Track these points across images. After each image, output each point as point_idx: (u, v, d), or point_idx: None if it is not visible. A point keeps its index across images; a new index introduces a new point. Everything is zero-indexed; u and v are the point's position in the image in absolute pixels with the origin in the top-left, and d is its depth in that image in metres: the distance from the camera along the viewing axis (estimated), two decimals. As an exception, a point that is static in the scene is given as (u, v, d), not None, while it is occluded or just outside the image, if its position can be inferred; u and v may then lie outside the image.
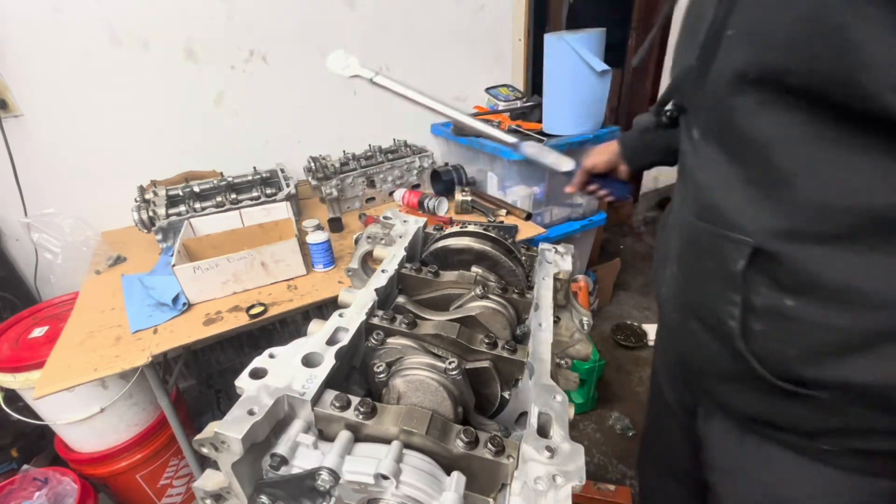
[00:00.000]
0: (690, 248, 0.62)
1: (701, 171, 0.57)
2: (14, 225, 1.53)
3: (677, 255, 0.67)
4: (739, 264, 0.52)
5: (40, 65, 1.43)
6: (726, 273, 0.54)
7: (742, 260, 0.52)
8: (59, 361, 1.00)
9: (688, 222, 0.61)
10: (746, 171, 0.51)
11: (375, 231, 0.73)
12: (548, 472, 0.40)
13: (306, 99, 1.88)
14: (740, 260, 0.52)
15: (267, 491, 0.42)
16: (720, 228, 0.54)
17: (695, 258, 0.62)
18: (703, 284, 0.60)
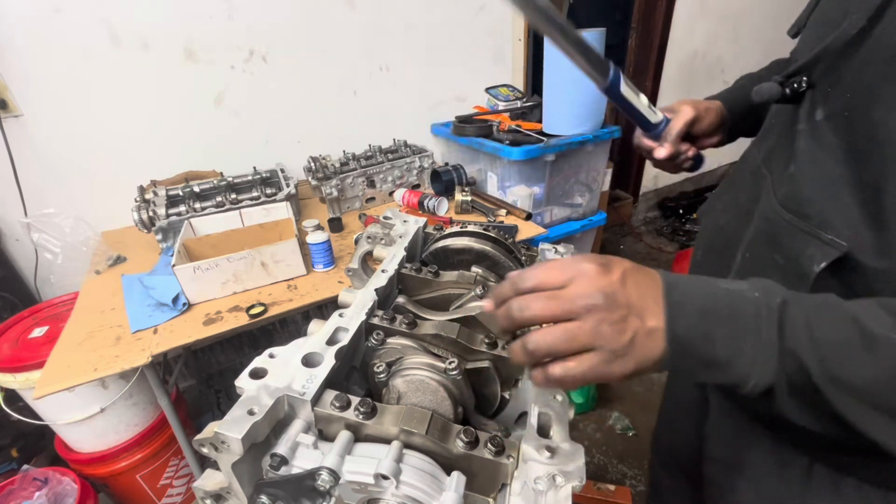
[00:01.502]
0: (764, 238, 0.56)
1: (810, 158, 0.51)
2: (14, 225, 1.53)
3: (730, 243, 0.61)
4: (819, 266, 0.47)
5: (40, 65, 1.43)
6: (799, 272, 0.49)
7: (824, 262, 0.47)
8: (59, 361, 1.00)
9: (770, 209, 0.55)
10: (862, 170, 0.45)
11: (375, 231, 0.73)
12: (548, 472, 0.40)
13: (306, 99, 1.88)
14: (822, 262, 0.47)
15: (267, 491, 0.42)
16: (811, 225, 0.49)
17: (764, 250, 0.56)
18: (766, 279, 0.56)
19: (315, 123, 1.93)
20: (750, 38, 2.93)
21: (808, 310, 0.36)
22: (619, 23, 3.07)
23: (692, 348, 0.37)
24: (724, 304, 0.37)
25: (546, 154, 1.72)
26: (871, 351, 0.33)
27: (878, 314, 0.35)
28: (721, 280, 0.40)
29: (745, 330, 0.36)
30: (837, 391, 0.34)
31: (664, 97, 2.88)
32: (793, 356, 0.35)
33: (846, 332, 0.34)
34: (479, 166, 1.89)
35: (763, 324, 0.36)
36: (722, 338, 0.37)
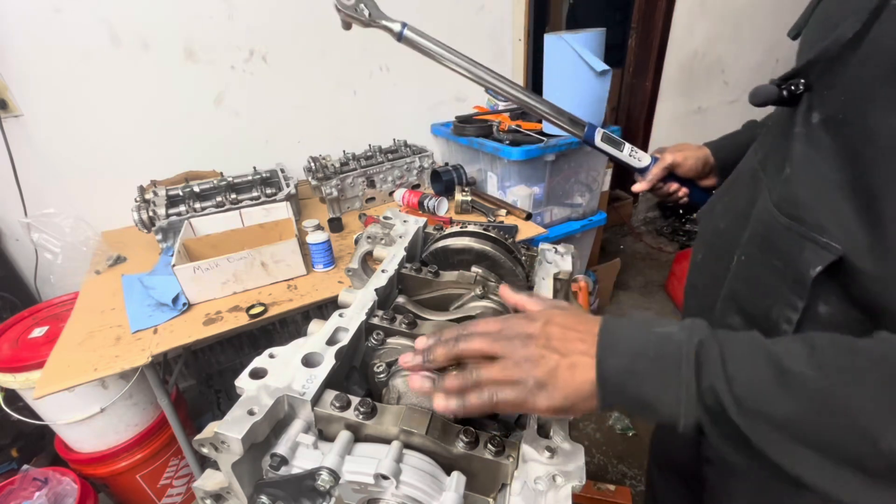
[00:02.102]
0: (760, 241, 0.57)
1: (806, 161, 0.51)
2: (14, 225, 1.53)
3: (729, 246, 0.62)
4: (815, 270, 0.47)
5: (40, 65, 1.43)
6: (796, 276, 0.49)
7: (820, 266, 0.47)
8: (59, 361, 1.00)
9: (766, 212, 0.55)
10: (857, 174, 0.45)
11: (375, 231, 0.73)
12: (548, 473, 0.40)
13: (306, 99, 1.88)
14: (818, 266, 0.47)
15: (267, 491, 0.42)
16: (806, 229, 0.49)
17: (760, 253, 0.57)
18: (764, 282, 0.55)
19: (315, 123, 1.93)
20: (750, 38, 2.93)
21: (725, 347, 0.37)
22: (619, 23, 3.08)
23: (622, 388, 0.39)
24: (653, 346, 0.39)
25: (546, 154, 1.72)
26: (785, 385, 0.34)
27: (794, 349, 0.36)
28: (657, 322, 0.41)
29: (667, 370, 0.37)
30: (754, 425, 0.35)
31: (664, 97, 2.88)
32: (711, 393, 0.36)
33: (760, 367, 0.35)
34: (479, 166, 1.89)
35: (682, 363, 0.37)
36: (648, 378, 0.38)
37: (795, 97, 0.53)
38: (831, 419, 0.33)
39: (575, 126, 0.87)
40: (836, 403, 0.32)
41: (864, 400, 0.32)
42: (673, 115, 2.96)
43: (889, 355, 0.33)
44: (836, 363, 0.34)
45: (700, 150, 0.87)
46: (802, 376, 0.34)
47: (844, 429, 0.32)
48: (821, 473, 0.34)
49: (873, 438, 0.31)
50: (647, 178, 0.89)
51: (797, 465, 0.34)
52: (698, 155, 0.87)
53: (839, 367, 0.33)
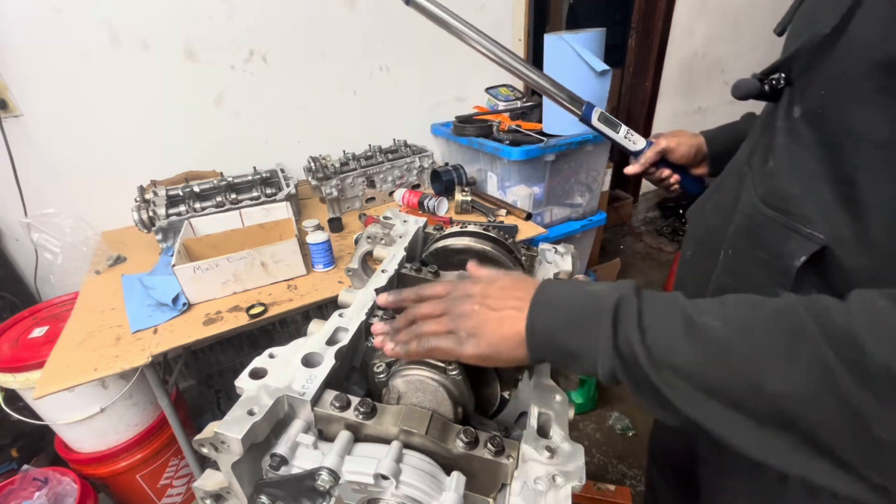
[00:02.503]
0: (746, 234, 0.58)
1: (788, 154, 0.52)
2: (14, 225, 1.53)
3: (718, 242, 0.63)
4: (799, 260, 0.48)
5: (40, 65, 1.43)
6: (781, 267, 0.51)
7: (804, 256, 0.48)
8: (59, 361, 1.00)
9: (751, 206, 0.56)
10: (837, 165, 0.46)
11: (375, 231, 0.73)
12: (548, 473, 0.40)
13: (306, 99, 1.87)
14: (802, 256, 0.48)
15: (267, 491, 0.42)
16: (790, 220, 0.50)
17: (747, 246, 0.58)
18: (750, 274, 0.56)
19: (315, 123, 1.93)
20: (750, 38, 2.93)
21: (645, 302, 0.39)
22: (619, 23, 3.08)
23: (549, 339, 0.42)
24: (581, 303, 0.41)
25: (546, 154, 1.72)
26: (691, 337, 0.36)
27: (707, 306, 0.38)
28: (591, 283, 0.44)
29: (589, 322, 0.40)
30: (661, 375, 0.37)
31: (664, 97, 2.88)
32: (626, 343, 0.38)
33: (672, 320, 0.37)
34: (479, 166, 1.89)
35: (602, 317, 0.39)
36: (572, 330, 0.41)
37: (777, 91, 0.55)
38: (728, 366, 0.34)
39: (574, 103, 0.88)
40: (732, 351, 0.34)
41: (755, 347, 0.34)
42: (673, 115, 2.96)
43: (784, 309, 0.34)
44: (739, 316, 0.36)
45: (694, 138, 0.88)
46: (707, 328, 0.35)
47: (737, 375, 0.34)
48: (716, 419, 0.35)
49: (759, 383, 0.33)
50: (640, 160, 0.90)
51: (696, 410, 0.36)
52: (692, 142, 0.87)
53: (740, 319, 0.35)
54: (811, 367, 0.31)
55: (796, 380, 0.32)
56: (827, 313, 0.33)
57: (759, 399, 0.33)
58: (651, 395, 0.38)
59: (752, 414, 0.34)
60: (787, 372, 0.32)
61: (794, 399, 0.32)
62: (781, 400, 0.32)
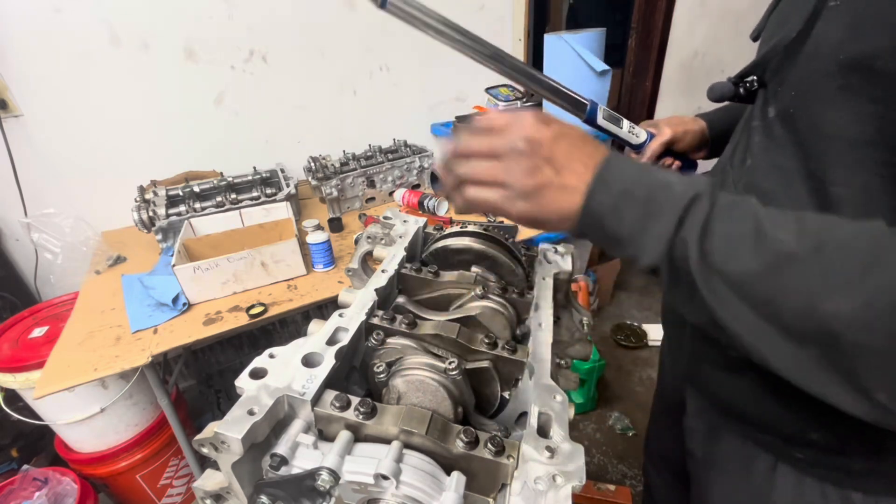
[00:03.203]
0: None
1: (764, 153, 0.54)
2: (14, 225, 1.53)
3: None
4: None
5: (40, 65, 1.43)
6: None
7: None
8: (59, 361, 1.00)
9: None
10: (809, 162, 0.48)
11: (375, 231, 0.73)
12: (548, 473, 0.40)
13: (306, 99, 1.88)
14: None
15: (267, 491, 0.42)
16: None
17: None
18: None
19: (315, 123, 1.93)
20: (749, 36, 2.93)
21: (717, 205, 0.37)
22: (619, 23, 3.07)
23: (602, 222, 0.40)
24: (646, 189, 0.39)
25: (546, 154, 1.72)
26: (758, 247, 0.34)
27: (782, 218, 0.35)
28: (665, 172, 0.41)
29: (650, 214, 0.38)
30: (711, 281, 0.35)
31: (664, 97, 2.88)
32: (682, 243, 0.36)
33: (742, 225, 0.35)
34: (479, 166, 1.89)
35: (666, 211, 0.37)
36: (629, 218, 0.39)
37: (751, 93, 0.58)
38: (787, 282, 0.33)
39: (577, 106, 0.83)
40: (797, 267, 0.33)
41: (824, 266, 0.32)
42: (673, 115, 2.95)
43: (865, 231, 0.33)
44: (814, 232, 0.34)
45: (696, 124, 0.86)
46: (777, 241, 0.34)
47: (794, 292, 0.33)
48: (750, 328, 0.35)
49: (816, 303, 0.32)
50: (646, 154, 0.86)
51: (733, 319, 0.35)
52: (696, 129, 0.86)
53: (814, 236, 0.34)
54: (881, 294, 0.30)
55: (860, 303, 0.30)
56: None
57: (807, 317, 0.32)
58: (686, 294, 0.37)
59: (792, 330, 0.33)
60: (852, 295, 0.31)
61: (848, 322, 0.31)
62: (833, 320, 0.31)
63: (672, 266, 0.37)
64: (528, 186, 0.42)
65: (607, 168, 0.41)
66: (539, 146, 0.42)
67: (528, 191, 0.42)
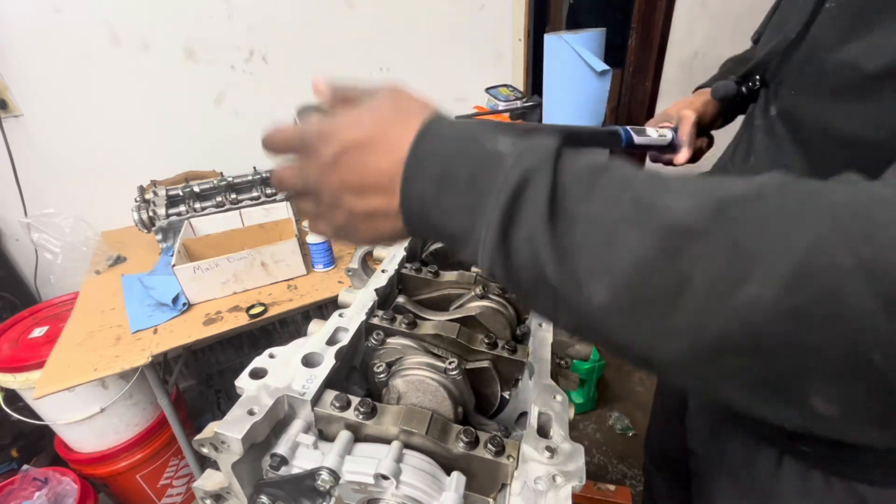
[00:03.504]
0: None
1: (766, 150, 0.55)
2: (14, 225, 1.53)
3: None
4: None
5: (40, 65, 1.43)
6: None
7: None
8: (59, 361, 1.00)
9: None
10: (810, 161, 0.49)
11: (375, 231, 0.72)
12: (548, 473, 0.40)
13: (306, 99, 1.87)
14: None
15: (267, 491, 0.42)
16: None
17: None
18: None
19: (315, 123, 1.93)
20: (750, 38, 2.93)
21: (568, 175, 0.27)
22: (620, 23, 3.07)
23: (425, 217, 0.31)
24: (468, 167, 0.29)
25: (546, 154, 1.72)
26: (640, 223, 0.24)
27: (669, 180, 0.26)
28: (497, 131, 0.31)
29: (476, 205, 0.28)
30: (581, 286, 0.25)
31: (664, 97, 2.88)
32: (528, 245, 0.26)
33: (612, 202, 0.25)
34: (479, 166, 1.89)
35: (493, 193, 0.27)
36: (453, 209, 0.29)
37: (754, 92, 0.59)
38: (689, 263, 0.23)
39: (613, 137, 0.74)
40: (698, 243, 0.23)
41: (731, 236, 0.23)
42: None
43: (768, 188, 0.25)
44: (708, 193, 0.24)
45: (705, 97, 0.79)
46: (665, 210, 0.24)
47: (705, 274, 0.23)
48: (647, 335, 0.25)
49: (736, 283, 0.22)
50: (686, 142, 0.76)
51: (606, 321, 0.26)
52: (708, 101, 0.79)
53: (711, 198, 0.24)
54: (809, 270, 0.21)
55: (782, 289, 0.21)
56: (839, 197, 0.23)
57: (720, 310, 0.23)
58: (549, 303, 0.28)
59: (697, 333, 0.23)
60: (772, 273, 0.21)
61: (774, 309, 0.21)
62: (758, 309, 0.22)
63: (515, 272, 0.28)
64: (336, 226, 0.36)
65: (420, 148, 0.31)
66: (319, 186, 0.34)
67: (341, 230, 0.36)
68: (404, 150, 0.31)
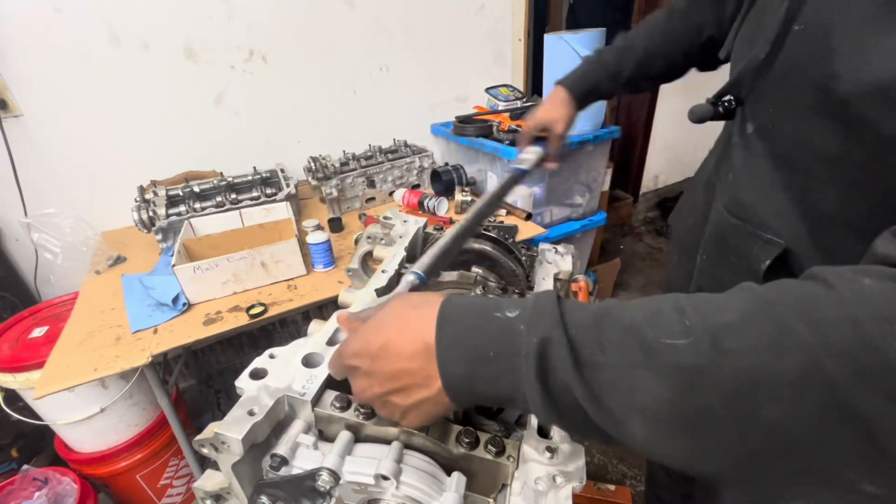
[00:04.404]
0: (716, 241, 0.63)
1: (745, 167, 0.57)
2: (14, 225, 1.53)
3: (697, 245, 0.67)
4: (765, 263, 0.52)
5: (40, 65, 1.43)
6: (749, 270, 0.54)
7: (768, 260, 0.52)
8: (59, 361, 1.00)
9: (718, 214, 0.61)
10: (789, 174, 0.50)
11: (375, 231, 0.73)
12: (548, 473, 0.40)
13: (306, 99, 1.87)
14: (766, 259, 0.52)
15: (267, 491, 0.42)
16: (752, 227, 0.55)
17: (717, 251, 0.63)
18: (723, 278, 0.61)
19: (315, 123, 1.93)
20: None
21: (579, 330, 0.31)
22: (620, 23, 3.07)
23: (471, 391, 0.35)
24: (490, 343, 0.33)
25: (546, 154, 1.72)
26: (652, 367, 0.28)
27: (661, 316, 0.29)
28: (501, 304, 0.35)
29: (510, 371, 0.32)
30: (622, 424, 0.29)
31: (664, 97, 2.88)
32: (565, 391, 0.30)
33: (623, 349, 0.29)
34: (479, 166, 1.89)
35: (521, 362, 0.31)
36: (493, 380, 0.33)
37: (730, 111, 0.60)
38: (704, 396, 0.27)
39: (521, 176, 0.90)
40: (706, 378, 0.27)
41: (744, 365, 0.26)
42: (673, 115, 2.96)
43: (757, 308, 0.28)
44: (705, 324, 0.28)
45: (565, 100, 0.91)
46: (671, 350, 0.27)
47: (721, 405, 0.26)
48: (685, 457, 0.29)
49: (751, 411, 0.26)
50: (555, 157, 0.93)
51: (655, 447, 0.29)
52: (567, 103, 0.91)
53: (707, 330, 0.27)
54: (808, 381, 0.24)
55: (797, 402, 0.25)
56: (815, 306, 0.26)
57: (746, 431, 0.26)
58: (599, 435, 0.31)
59: (735, 450, 0.27)
60: (782, 392, 0.25)
61: (794, 425, 0.25)
62: (778, 428, 0.25)
63: (571, 420, 0.31)
64: (397, 414, 0.39)
65: (443, 339, 0.34)
66: (372, 394, 0.38)
67: (403, 413, 0.38)
68: (429, 338, 0.35)
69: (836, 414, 0.24)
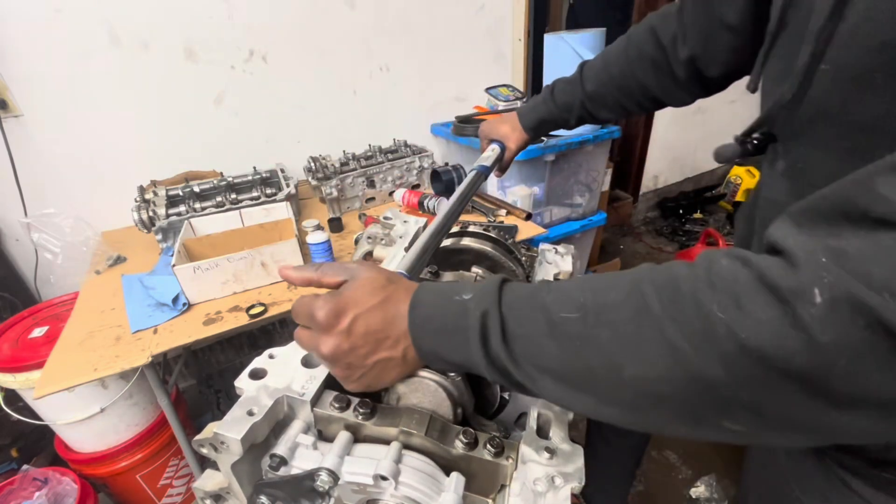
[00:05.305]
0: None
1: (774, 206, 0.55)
2: (14, 225, 1.53)
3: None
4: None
5: (40, 65, 1.43)
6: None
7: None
8: (59, 361, 1.00)
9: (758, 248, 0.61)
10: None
11: (375, 231, 0.73)
12: (547, 474, 0.40)
13: (306, 99, 1.88)
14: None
15: (266, 491, 0.42)
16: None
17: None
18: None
19: (315, 123, 1.93)
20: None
21: (507, 310, 0.38)
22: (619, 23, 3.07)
23: (440, 356, 0.42)
24: (451, 319, 0.41)
25: (546, 154, 1.72)
26: (553, 336, 0.35)
27: (567, 294, 0.37)
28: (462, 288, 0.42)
29: (464, 342, 0.39)
30: (533, 379, 0.37)
31: (664, 97, 2.88)
32: (497, 357, 0.38)
33: (535, 323, 0.36)
34: (479, 166, 1.89)
35: (471, 335, 0.39)
36: (453, 349, 0.41)
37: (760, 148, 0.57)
38: (587, 359, 0.34)
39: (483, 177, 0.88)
40: (589, 343, 0.34)
41: (609, 333, 0.33)
42: (673, 115, 2.96)
43: (632, 286, 0.34)
44: (595, 301, 0.35)
45: (518, 127, 0.99)
46: (566, 322, 0.35)
47: (598, 367, 0.33)
48: (591, 407, 0.36)
49: (618, 369, 0.32)
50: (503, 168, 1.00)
51: (575, 404, 0.37)
52: (521, 136, 0.99)
53: (596, 305, 0.34)
54: (660, 347, 0.30)
55: (649, 362, 0.31)
56: (673, 284, 0.31)
57: (619, 386, 0.33)
58: (526, 391, 0.39)
59: (617, 401, 0.34)
60: (639, 355, 0.31)
61: (651, 381, 0.31)
62: (640, 383, 0.32)
63: (505, 379, 0.39)
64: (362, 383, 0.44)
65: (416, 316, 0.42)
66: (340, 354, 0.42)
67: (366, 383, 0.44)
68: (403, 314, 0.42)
69: (682, 373, 0.30)
